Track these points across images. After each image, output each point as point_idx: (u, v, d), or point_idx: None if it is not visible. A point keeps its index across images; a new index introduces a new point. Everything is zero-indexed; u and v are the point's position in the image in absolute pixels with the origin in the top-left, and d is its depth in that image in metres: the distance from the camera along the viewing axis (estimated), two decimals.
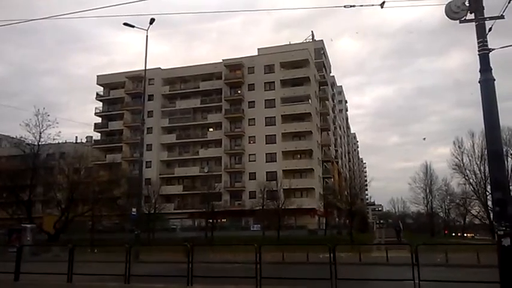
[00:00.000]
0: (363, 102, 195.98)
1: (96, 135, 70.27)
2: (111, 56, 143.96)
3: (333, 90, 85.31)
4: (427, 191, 63.36)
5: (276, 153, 57.61)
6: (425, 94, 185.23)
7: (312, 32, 76.84)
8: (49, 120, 40.35)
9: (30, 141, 41.48)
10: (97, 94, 69.32)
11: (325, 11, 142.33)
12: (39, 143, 40.96)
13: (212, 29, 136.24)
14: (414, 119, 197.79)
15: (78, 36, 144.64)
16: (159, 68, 63.61)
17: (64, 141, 56.92)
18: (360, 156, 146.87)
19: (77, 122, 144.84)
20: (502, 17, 8.26)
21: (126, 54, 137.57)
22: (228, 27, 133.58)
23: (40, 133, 40.17)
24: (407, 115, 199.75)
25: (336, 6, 11.40)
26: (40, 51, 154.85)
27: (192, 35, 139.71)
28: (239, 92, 61.42)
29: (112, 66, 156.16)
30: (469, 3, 8.44)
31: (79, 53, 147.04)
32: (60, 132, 57.04)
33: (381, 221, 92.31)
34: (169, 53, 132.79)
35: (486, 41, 8.30)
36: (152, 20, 26.32)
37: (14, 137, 48.69)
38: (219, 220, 52.74)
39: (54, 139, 41.92)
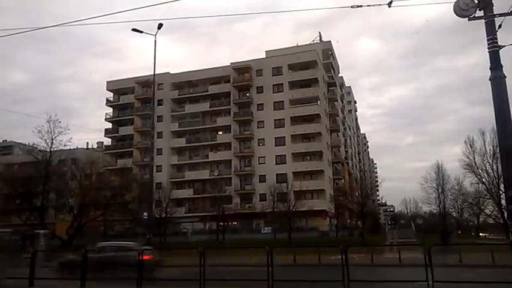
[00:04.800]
0: (380, 102, 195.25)
1: (107, 141, 70.88)
2: (128, 62, 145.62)
3: (341, 91, 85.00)
4: (439, 190, 62.54)
5: (285, 155, 57.46)
6: (441, 93, 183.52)
7: (320, 33, 76.31)
8: (61, 127, 40.84)
9: (42, 148, 41.99)
10: (107, 100, 69.87)
11: (343, 12, 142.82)
12: (51, 150, 41.44)
13: (231, 32, 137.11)
14: (430, 118, 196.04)
15: (95, 43, 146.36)
16: (168, 72, 63.95)
17: (75, 147, 57.55)
18: (371, 157, 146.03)
19: (89, 128, 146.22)
20: (511, 13, 8.16)
21: (144, 60, 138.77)
22: (245, 31, 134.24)
23: (52, 139, 40.65)
24: (423, 114, 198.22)
25: (342, 7, 11.38)
26: (57, 58, 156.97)
27: (210, 39, 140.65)
28: (248, 94, 61.48)
29: (129, 72, 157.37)
30: (477, 0, 8.35)
31: (96, 59, 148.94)
32: (71, 138, 57.85)
33: (393, 222, 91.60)
34: (188, 58, 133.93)
35: (496, 38, 8.21)
36: (160, 25, 26.62)
37: (27, 143, 49.40)
38: (229, 223, 52.70)
39: (65, 145, 42.43)
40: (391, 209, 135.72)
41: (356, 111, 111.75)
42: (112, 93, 69.73)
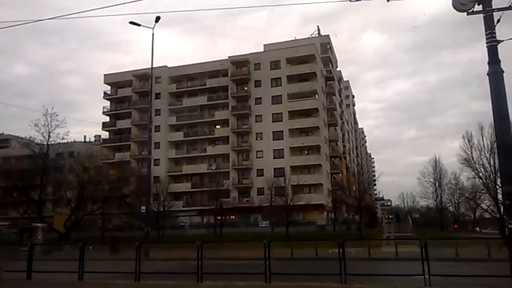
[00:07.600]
0: (383, 96, 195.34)
1: (105, 134, 70.69)
2: (130, 55, 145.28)
3: (339, 85, 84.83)
4: (436, 185, 62.90)
5: (283, 149, 57.49)
6: (444, 87, 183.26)
7: (318, 27, 76.28)
8: (58, 120, 40.80)
9: (39, 141, 41.95)
10: (104, 93, 69.59)
11: (348, 7, 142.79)
12: (49, 143, 41.38)
13: (234, 25, 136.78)
14: (432, 112, 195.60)
15: (97, 36, 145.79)
16: (166, 66, 63.71)
17: (73, 141, 57.40)
18: (369, 151, 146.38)
19: (87, 121, 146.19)
20: (510, 8, 8.15)
21: (146, 52, 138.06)
22: (249, 24, 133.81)
23: (49, 133, 40.62)
24: (426, 109, 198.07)
25: (341, 1, 11.31)
26: (59, 51, 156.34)
27: (212, 32, 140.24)
28: (245, 88, 61.33)
29: (131, 65, 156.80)
30: None
31: (98, 52, 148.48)
32: (68, 132, 57.59)
33: (390, 216, 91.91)
34: (191, 51, 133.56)
35: (494, 33, 8.21)
36: (158, 18, 26.39)
37: (24, 137, 49.24)
38: (227, 217, 52.82)
39: (63, 138, 42.39)
40: (388, 203, 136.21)
41: (354, 105, 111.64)
42: (110, 87, 69.47)
